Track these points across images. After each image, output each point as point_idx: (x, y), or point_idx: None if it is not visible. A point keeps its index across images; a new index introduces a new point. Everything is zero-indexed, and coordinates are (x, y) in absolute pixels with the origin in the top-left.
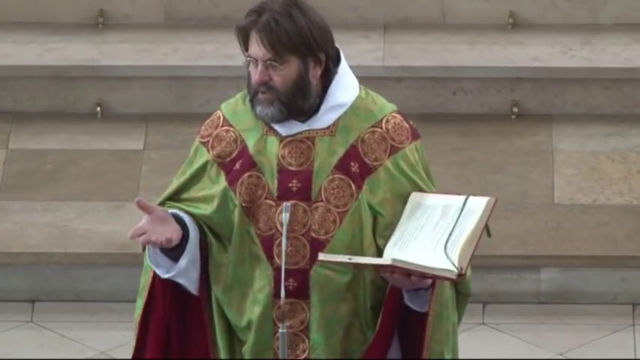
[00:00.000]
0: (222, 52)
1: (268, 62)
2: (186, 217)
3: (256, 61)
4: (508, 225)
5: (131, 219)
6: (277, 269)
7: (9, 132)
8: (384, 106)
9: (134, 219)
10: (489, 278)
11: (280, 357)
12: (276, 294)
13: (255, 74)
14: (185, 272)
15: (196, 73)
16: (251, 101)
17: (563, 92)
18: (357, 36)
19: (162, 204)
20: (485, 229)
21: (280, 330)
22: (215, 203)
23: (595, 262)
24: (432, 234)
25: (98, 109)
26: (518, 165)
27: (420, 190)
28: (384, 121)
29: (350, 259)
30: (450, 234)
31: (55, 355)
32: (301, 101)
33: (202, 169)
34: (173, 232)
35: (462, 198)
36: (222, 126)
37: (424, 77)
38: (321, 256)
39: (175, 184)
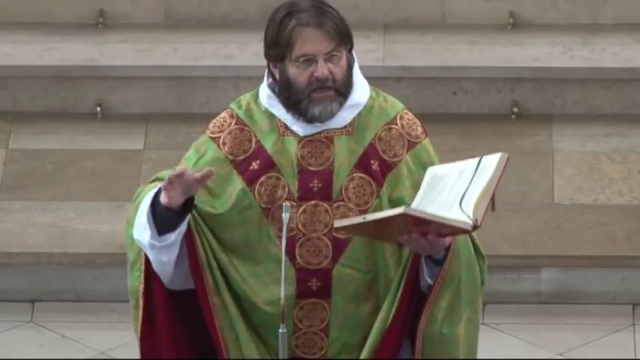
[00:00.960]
0: (222, 52)
1: (329, 55)
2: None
3: (311, 59)
4: (508, 225)
5: None
6: (300, 269)
7: (9, 132)
8: (396, 104)
9: None
10: (489, 278)
11: (280, 357)
12: (298, 295)
13: (312, 75)
14: (171, 246)
15: (196, 73)
16: (296, 105)
17: (563, 92)
18: (357, 36)
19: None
20: (492, 200)
21: (280, 330)
22: (229, 203)
23: (595, 262)
24: (449, 196)
25: (98, 109)
26: (518, 165)
27: None
28: (398, 117)
29: (364, 217)
30: (465, 191)
31: (55, 355)
32: (349, 92)
33: (212, 164)
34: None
35: (475, 160)
36: (236, 124)
37: (424, 77)
38: (337, 223)
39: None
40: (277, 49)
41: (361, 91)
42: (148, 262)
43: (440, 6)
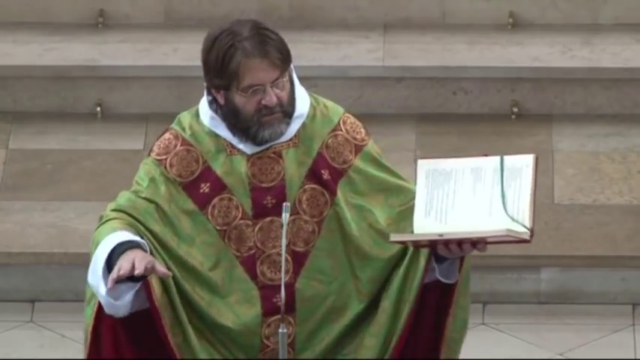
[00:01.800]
0: None
1: (275, 82)
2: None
3: (259, 88)
4: None
5: None
6: (263, 287)
7: (9, 132)
8: (336, 109)
9: None
10: (489, 278)
11: (280, 357)
12: (264, 313)
13: (260, 102)
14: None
15: (196, 73)
16: (245, 130)
17: (563, 92)
18: (357, 36)
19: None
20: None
21: (280, 330)
22: (186, 229)
23: (595, 262)
24: (476, 198)
25: (98, 109)
26: None
27: (394, 177)
28: (341, 123)
29: (441, 235)
30: (504, 197)
31: (55, 355)
32: (294, 108)
33: (165, 184)
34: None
35: (494, 158)
36: (182, 145)
37: (424, 77)
38: (394, 237)
39: (132, 198)
40: (222, 80)
41: (302, 102)
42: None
43: (440, 6)
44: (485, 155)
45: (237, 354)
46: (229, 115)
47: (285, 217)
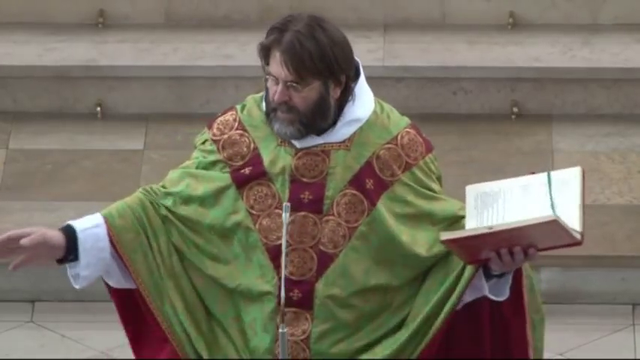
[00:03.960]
0: (222, 52)
1: (289, 84)
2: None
3: (277, 79)
4: None
5: None
6: (285, 280)
7: (9, 132)
8: (399, 122)
9: None
10: None
11: (280, 357)
12: (279, 302)
13: (276, 93)
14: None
15: (196, 73)
16: (267, 115)
17: (563, 92)
18: (357, 36)
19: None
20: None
21: (280, 330)
22: (217, 205)
23: (595, 262)
24: (526, 210)
25: (98, 109)
26: (518, 165)
27: (433, 199)
28: (399, 137)
29: (491, 227)
30: (553, 204)
31: (55, 355)
32: (320, 121)
33: (211, 167)
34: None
35: (541, 175)
36: (237, 129)
37: (424, 77)
38: (444, 236)
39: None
40: (263, 56)
41: (363, 106)
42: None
43: (440, 6)
44: (532, 173)
45: (253, 330)
46: (266, 94)
47: (285, 217)
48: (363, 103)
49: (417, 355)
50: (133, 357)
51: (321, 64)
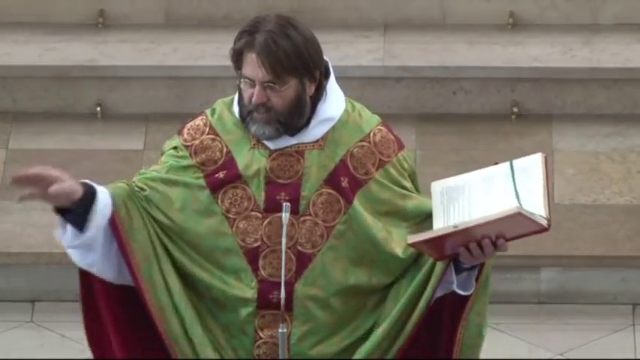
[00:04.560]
0: (222, 52)
1: (267, 84)
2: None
3: (252, 81)
4: None
5: None
6: (262, 281)
7: (9, 132)
8: (371, 120)
9: None
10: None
11: (280, 357)
12: (259, 305)
13: (253, 96)
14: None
15: (196, 73)
16: (243, 119)
17: (563, 92)
18: (357, 36)
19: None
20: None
21: (280, 330)
22: (191, 210)
23: (595, 262)
24: (490, 201)
25: (98, 109)
26: None
27: (406, 197)
28: (371, 134)
29: (456, 226)
30: (517, 193)
31: (55, 355)
32: (297, 119)
33: (182, 169)
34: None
35: (504, 165)
36: (208, 134)
37: (424, 77)
38: (411, 239)
39: (152, 173)
40: (235, 61)
41: (335, 105)
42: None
43: (440, 6)
44: (496, 164)
45: (229, 332)
46: (239, 98)
47: (285, 217)
48: (334, 101)
49: (395, 355)
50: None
51: (297, 61)
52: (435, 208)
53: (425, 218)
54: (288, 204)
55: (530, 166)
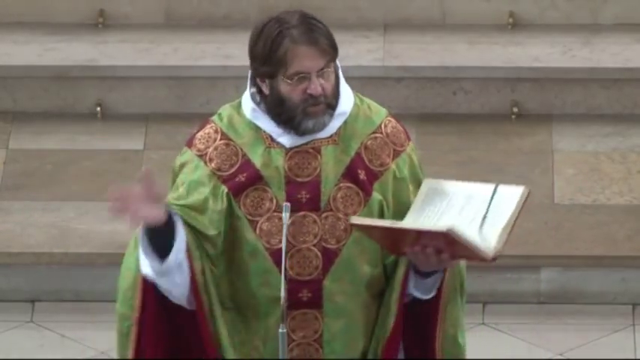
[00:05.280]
0: (222, 52)
1: (321, 71)
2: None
3: (305, 75)
4: None
5: None
6: (290, 281)
7: (9, 132)
8: (380, 111)
9: None
10: (489, 278)
11: (280, 357)
12: (289, 306)
13: (307, 90)
14: (172, 272)
15: (196, 73)
16: (289, 121)
17: (563, 92)
18: (357, 36)
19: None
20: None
21: (280, 330)
22: (215, 216)
23: (595, 262)
24: (460, 217)
25: (98, 109)
26: (518, 165)
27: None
28: (382, 126)
29: (392, 224)
30: (484, 218)
31: (55, 355)
32: (338, 102)
33: (202, 183)
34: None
35: (490, 187)
36: (221, 139)
37: (424, 77)
38: (354, 220)
39: (173, 197)
40: (269, 67)
41: (346, 99)
42: (145, 290)
43: (440, 6)
44: (485, 182)
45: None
46: (274, 104)
47: (286, 217)
48: (345, 95)
49: (381, 355)
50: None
51: (333, 39)
52: (414, 204)
53: None
54: (288, 204)
55: (509, 197)
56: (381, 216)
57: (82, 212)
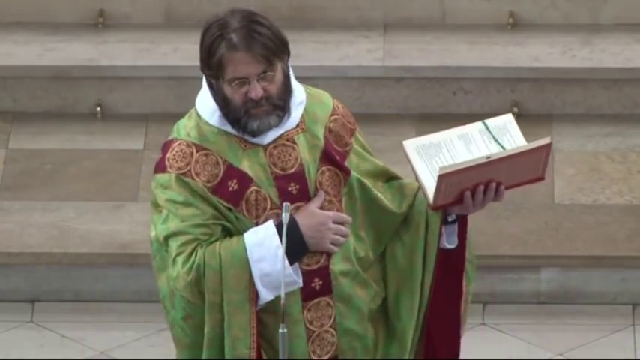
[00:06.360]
0: None
1: (262, 75)
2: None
3: (244, 80)
4: (508, 225)
5: (131, 219)
6: (302, 273)
7: (9, 132)
8: (325, 94)
9: (134, 219)
10: (489, 278)
11: (280, 357)
12: (304, 297)
13: (248, 94)
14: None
15: (196, 73)
16: (236, 122)
17: (563, 92)
18: (357, 36)
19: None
20: None
21: (280, 330)
22: (220, 229)
23: (595, 262)
24: (478, 152)
25: (98, 109)
26: None
27: (375, 158)
28: (335, 107)
29: (489, 157)
30: (502, 146)
31: (55, 355)
32: (289, 100)
33: (195, 199)
34: None
35: (476, 124)
36: (197, 152)
37: (424, 77)
38: (444, 170)
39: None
40: (211, 71)
41: (298, 87)
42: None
43: (440, 6)
44: (464, 124)
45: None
46: (221, 105)
47: (286, 217)
48: (297, 84)
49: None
50: (132, 357)
51: (277, 42)
52: (417, 165)
53: (391, 177)
54: (288, 204)
55: (504, 124)
56: (363, 192)
57: (82, 212)
